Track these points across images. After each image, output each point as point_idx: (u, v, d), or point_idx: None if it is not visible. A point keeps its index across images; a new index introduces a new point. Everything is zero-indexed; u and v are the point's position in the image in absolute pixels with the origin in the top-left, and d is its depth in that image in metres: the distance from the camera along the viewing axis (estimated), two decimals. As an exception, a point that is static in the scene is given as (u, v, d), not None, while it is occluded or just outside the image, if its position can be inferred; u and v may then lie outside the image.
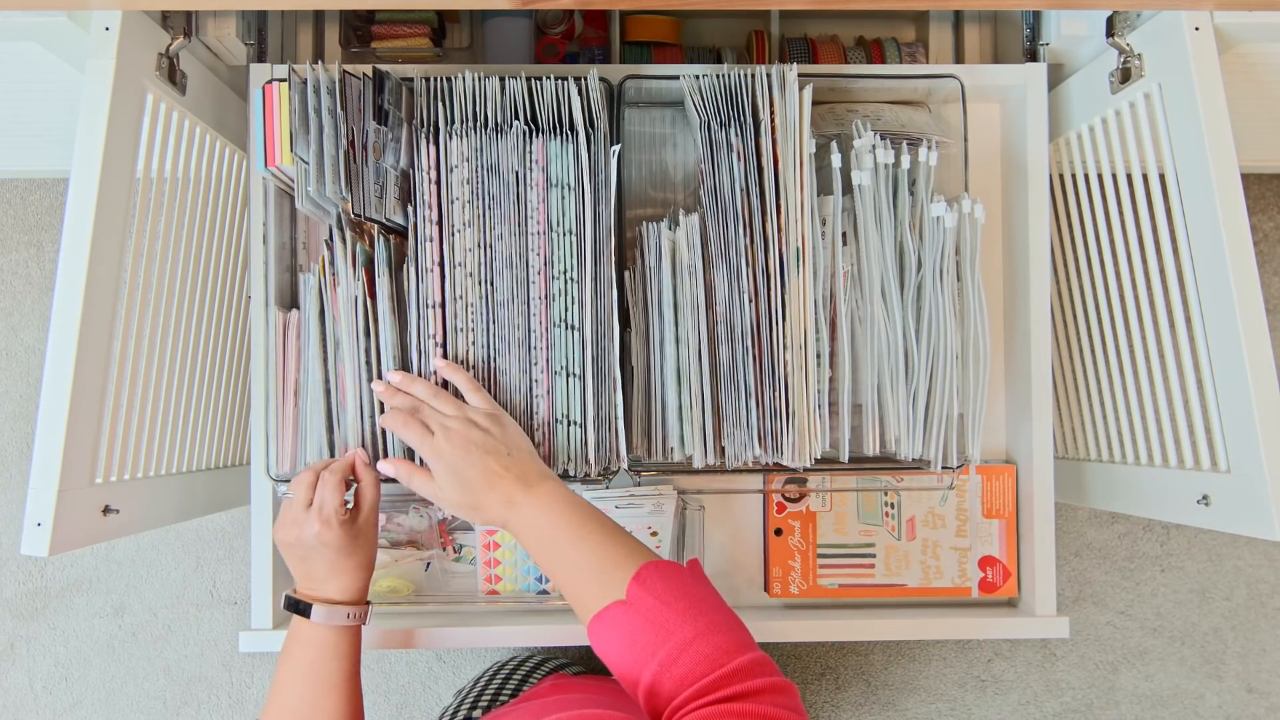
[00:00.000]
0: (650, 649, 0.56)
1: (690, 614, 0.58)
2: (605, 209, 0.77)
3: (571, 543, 0.64)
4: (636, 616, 0.58)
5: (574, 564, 0.63)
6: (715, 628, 0.57)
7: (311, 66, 0.74)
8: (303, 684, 0.69)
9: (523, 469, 0.68)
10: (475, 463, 0.67)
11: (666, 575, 0.61)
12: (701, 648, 0.55)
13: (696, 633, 0.56)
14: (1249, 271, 0.70)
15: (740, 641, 0.57)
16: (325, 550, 0.69)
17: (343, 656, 0.70)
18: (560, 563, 0.64)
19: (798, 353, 0.76)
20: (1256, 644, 1.30)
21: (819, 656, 1.29)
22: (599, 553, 0.63)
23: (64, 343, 0.68)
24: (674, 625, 0.57)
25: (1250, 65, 0.82)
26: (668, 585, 0.60)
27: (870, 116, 0.85)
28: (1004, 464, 0.91)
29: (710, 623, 0.57)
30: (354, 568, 0.71)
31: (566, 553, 0.64)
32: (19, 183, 1.29)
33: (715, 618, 0.58)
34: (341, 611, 0.70)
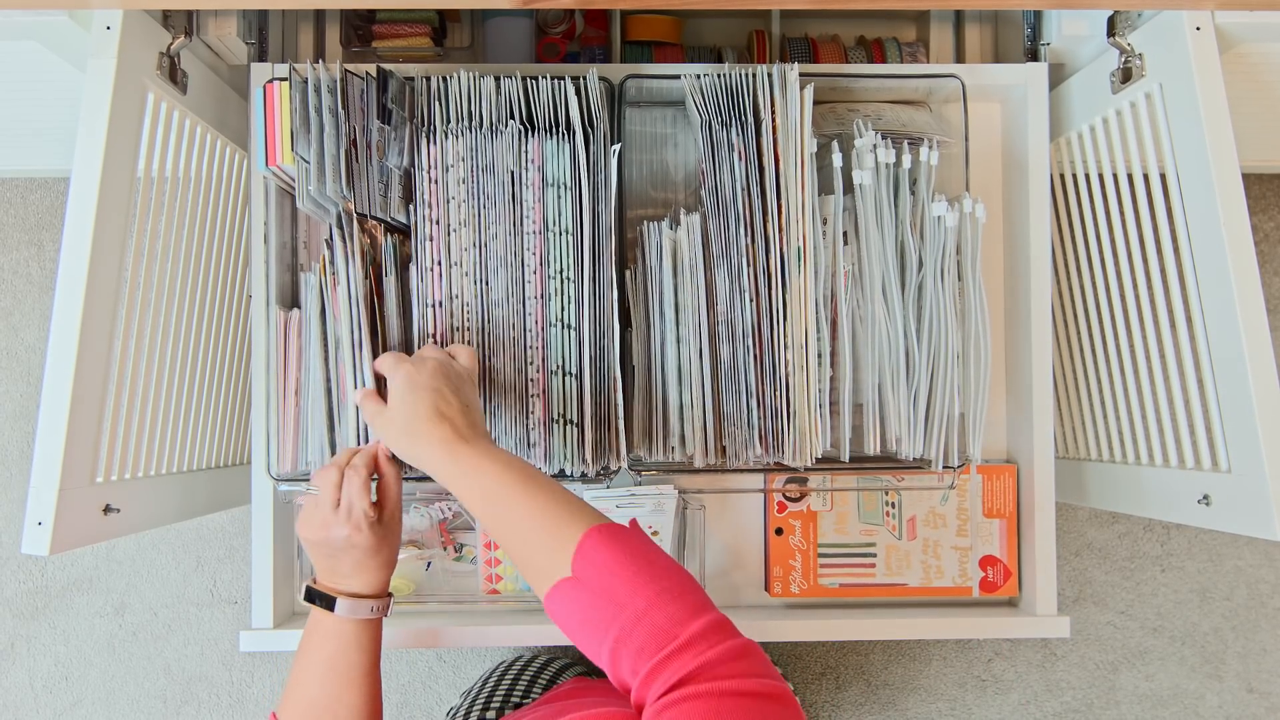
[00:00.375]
0: (604, 626, 0.54)
1: (638, 581, 0.55)
2: (605, 208, 0.77)
3: (511, 503, 0.61)
4: (585, 593, 0.55)
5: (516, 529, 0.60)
6: (666, 594, 0.54)
7: (312, 66, 0.74)
8: (323, 677, 0.68)
9: (471, 423, 0.66)
10: (430, 393, 0.65)
11: (610, 541, 0.57)
12: (655, 618, 0.52)
13: (647, 603, 0.53)
14: (1250, 271, 0.70)
15: (692, 605, 0.54)
16: (354, 551, 0.68)
17: (364, 649, 0.69)
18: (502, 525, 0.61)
19: (799, 352, 0.76)
20: (1257, 644, 1.30)
21: (819, 656, 1.29)
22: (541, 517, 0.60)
23: (65, 342, 0.68)
24: (624, 597, 0.54)
25: (1251, 65, 0.82)
26: (612, 553, 0.56)
27: (871, 116, 0.85)
28: (1005, 463, 0.91)
29: (660, 589, 0.54)
30: (380, 565, 0.70)
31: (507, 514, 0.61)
32: (19, 182, 1.29)
33: (665, 583, 0.55)
34: (366, 605, 0.69)
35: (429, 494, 0.88)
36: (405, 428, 0.65)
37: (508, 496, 0.61)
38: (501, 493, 0.61)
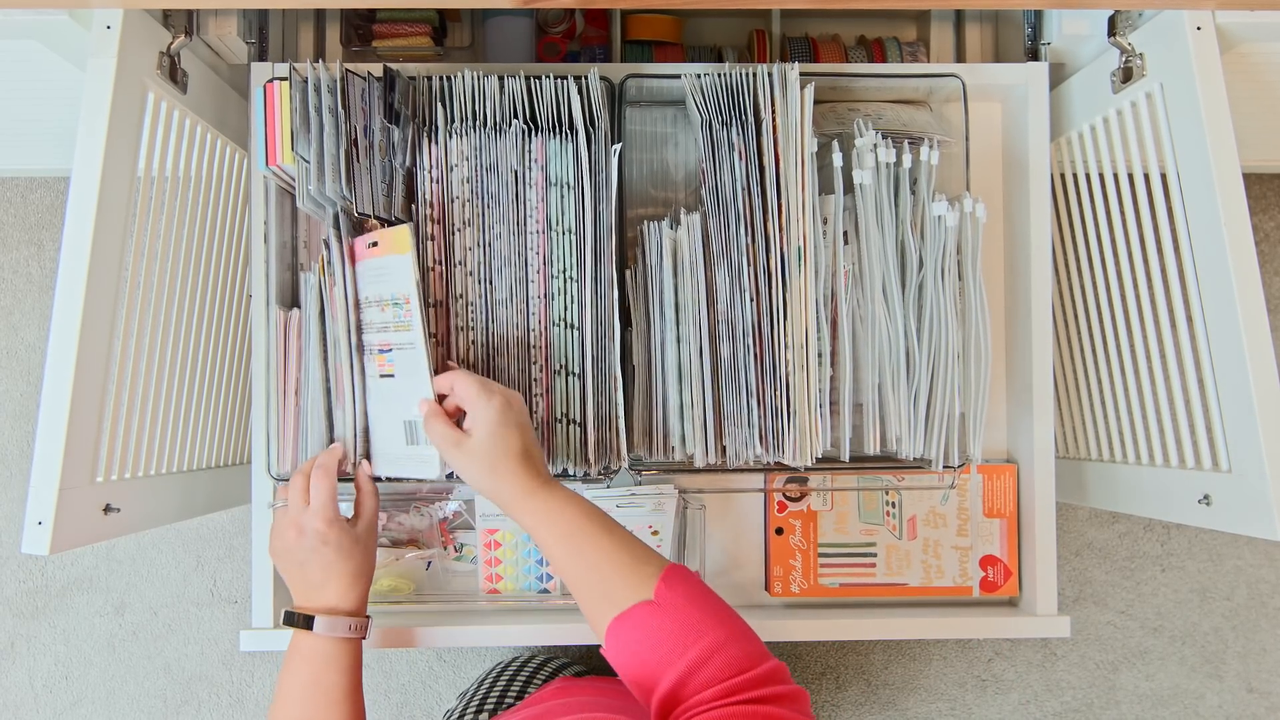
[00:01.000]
0: (679, 650, 0.56)
1: (717, 618, 0.58)
2: (606, 208, 0.77)
3: (591, 540, 0.63)
4: (666, 618, 0.58)
5: (593, 562, 0.62)
6: (741, 634, 0.58)
7: (312, 65, 0.74)
8: (303, 700, 0.68)
9: (543, 466, 0.68)
10: (520, 432, 0.66)
11: (690, 579, 0.61)
12: (732, 651, 0.56)
13: (727, 636, 0.57)
14: (1250, 271, 0.70)
15: (762, 649, 0.58)
16: (324, 550, 0.69)
17: (344, 670, 0.69)
18: (578, 560, 0.63)
19: (799, 352, 0.76)
20: (1257, 644, 1.30)
21: (819, 656, 1.29)
22: (620, 553, 0.62)
23: (65, 341, 0.68)
24: (705, 628, 0.57)
25: (1252, 65, 0.82)
26: (692, 589, 0.60)
27: (871, 115, 0.85)
28: (1005, 463, 0.91)
29: (736, 629, 0.58)
30: (351, 573, 0.70)
31: (585, 550, 0.63)
32: (20, 181, 1.29)
33: (738, 624, 0.59)
34: (343, 622, 0.69)
35: (429, 494, 0.88)
36: (490, 464, 0.66)
37: (588, 536, 0.63)
38: (581, 534, 0.64)
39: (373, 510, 0.73)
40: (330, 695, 0.68)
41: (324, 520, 0.69)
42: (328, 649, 0.69)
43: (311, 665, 0.69)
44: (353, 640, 0.70)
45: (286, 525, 0.70)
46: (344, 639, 0.69)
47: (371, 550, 0.73)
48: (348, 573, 0.70)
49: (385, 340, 0.74)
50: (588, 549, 0.63)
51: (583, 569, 0.63)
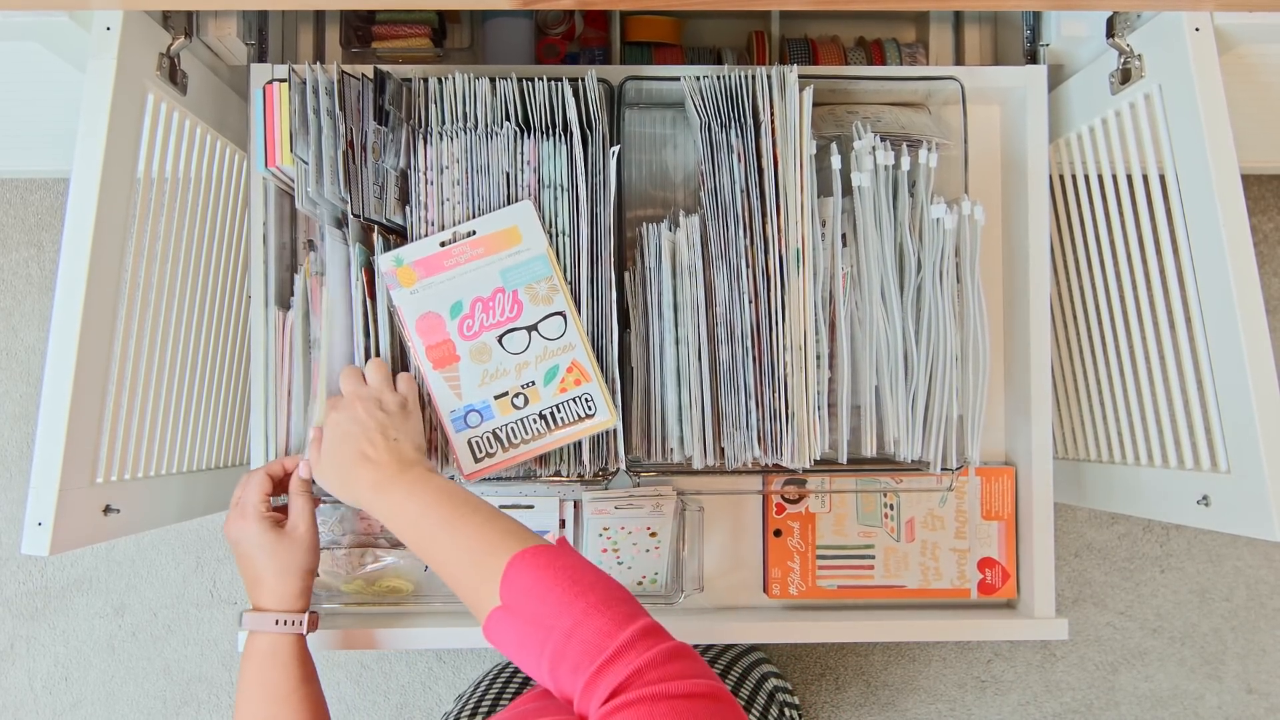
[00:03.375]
0: (537, 649, 0.54)
1: (564, 600, 0.55)
2: (603, 210, 0.77)
3: (439, 539, 0.62)
4: (516, 620, 0.56)
5: (446, 563, 0.62)
6: (591, 609, 0.54)
7: (311, 67, 0.74)
8: (255, 697, 0.69)
9: (399, 453, 0.67)
10: (353, 440, 0.67)
11: (534, 565, 0.58)
12: (583, 634, 0.53)
13: (574, 621, 0.54)
14: (1249, 272, 0.70)
15: (619, 615, 0.54)
16: (247, 547, 0.71)
17: (284, 665, 0.69)
18: (434, 560, 0.63)
19: (797, 354, 0.76)
20: (1256, 645, 1.30)
21: (818, 657, 1.29)
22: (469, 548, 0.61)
23: (65, 343, 0.68)
24: (551, 619, 0.54)
25: (1250, 66, 0.82)
26: (537, 577, 0.57)
27: (870, 118, 0.85)
28: (1003, 465, 0.91)
29: (586, 605, 0.54)
30: (277, 570, 0.71)
31: (437, 550, 0.62)
32: (19, 182, 1.29)
33: (590, 598, 0.55)
34: (269, 617, 0.70)
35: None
36: (336, 475, 0.69)
37: (432, 533, 0.63)
38: (426, 529, 0.63)
39: (299, 507, 0.73)
40: (277, 690, 0.69)
41: (241, 516, 0.71)
42: (265, 645, 0.70)
43: (254, 662, 0.70)
44: (290, 635, 0.70)
45: (228, 523, 0.73)
46: (279, 634, 0.70)
47: (303, 546, 0.72)
48: (274, 569, 0.71)
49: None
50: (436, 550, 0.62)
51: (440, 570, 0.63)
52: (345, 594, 0.87)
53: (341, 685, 1.27)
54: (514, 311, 0.74)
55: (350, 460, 0.67)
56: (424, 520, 0.63)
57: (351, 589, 0.87)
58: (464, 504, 0.64)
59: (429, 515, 0.63)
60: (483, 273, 0.75)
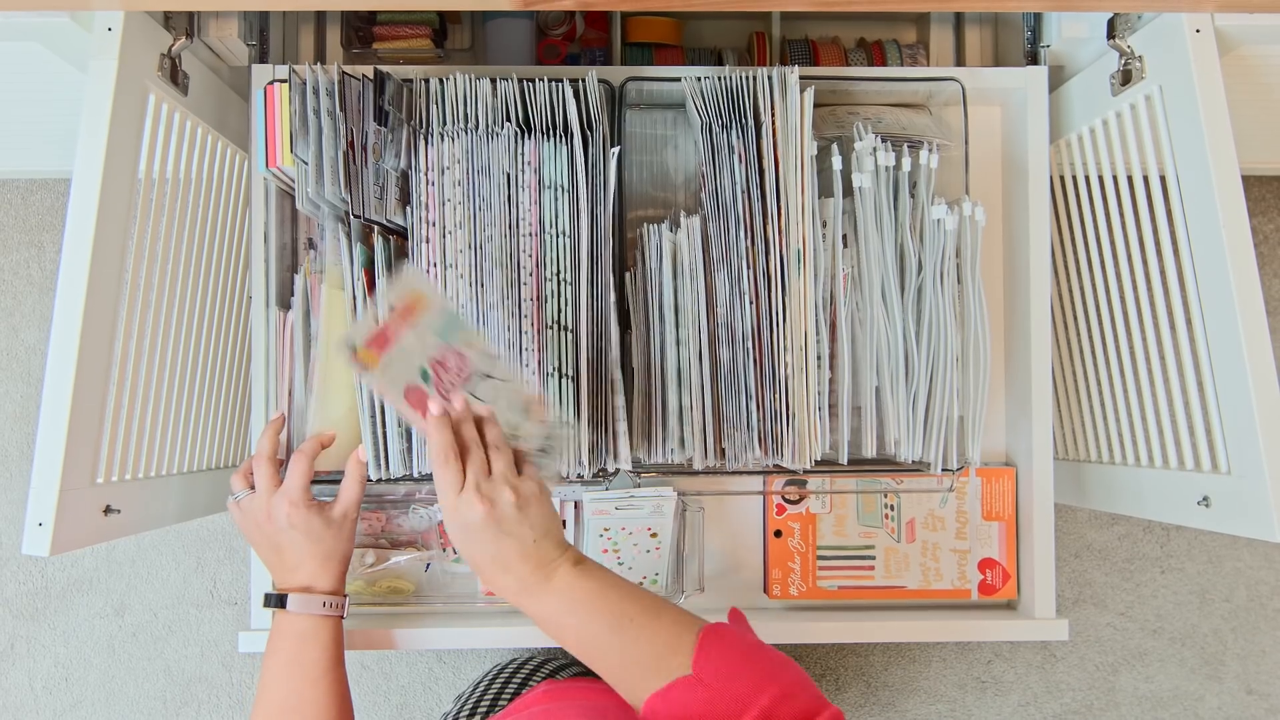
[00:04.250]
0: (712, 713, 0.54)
1: (760, 680, 0.56)
2: (603, 211, 0.77)
3: (609, 633, 0.60)
4: (707, 692, 0.56)
5: (617, 656, 0.60)
6: (788, 692, 0.55)
7: (311, 67, 0.74)
8: (287, 677, 0.69)
9: (540, 554, 0.62)
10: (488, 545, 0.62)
11: (727, 641, 0.59)
12: (781, 715, 0.53)
13: (773, 701, 0.54)
14: (1249, 273, 0.70)
15: (813, 700, 0.55)
16: (292, 534, 0.70)
17: (324, 646, 0.70)
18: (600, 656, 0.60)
19: (798, 355, 0.76)
20: (1256, 646, 1.30)
21: (819, 658, 1.29)
22: (643, 639, 0.59)
23: (65, 343, 0.68)
24: (748, 697, 0.54)
25: (1251, 67, 0.82)
26: (731, 653, 0.58)
27: (871, 119, 0.85)
28: (1004, 466, 0.91)
29: (782, 688, 0.55)
30: (322, 555, 0.71)
31: (605, 645, 0.60)
32: (20, 183, 1.29)
33: (784, 678, 0.56)
34: (316, 600, 0.70)
35: (427, 496, 0.88)
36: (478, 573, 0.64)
37: (598, 640, 0.61)
38: (591, 638, 0.61)
39: (350, 496, 0.73)
40: (310, 672, 0.69)
41: (290, 503, 0.70)
42: (305, 626, 0.70)
43: (290, 643, 0.70)
44: (330, 618, 0.71)
45: (257, 509, 0.72)
46: (321, 616, 0.70)
47: (346, 534, 0.73)
48: (318, 554, 0.71)
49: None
50: (605, 652, 0.60)
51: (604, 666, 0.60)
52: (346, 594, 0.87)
53: (342, 686, 1.27)
54: (464, 364, 0.69)
55: (487, 564, 0.62)
56: (585, 632, 0.61)
57: (352, 589, 0.87)
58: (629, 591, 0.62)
59: (590, 627, 0.61)
60: (422, 337, 0.68)
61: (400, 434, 0.77)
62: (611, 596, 0.61)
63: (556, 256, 0.77)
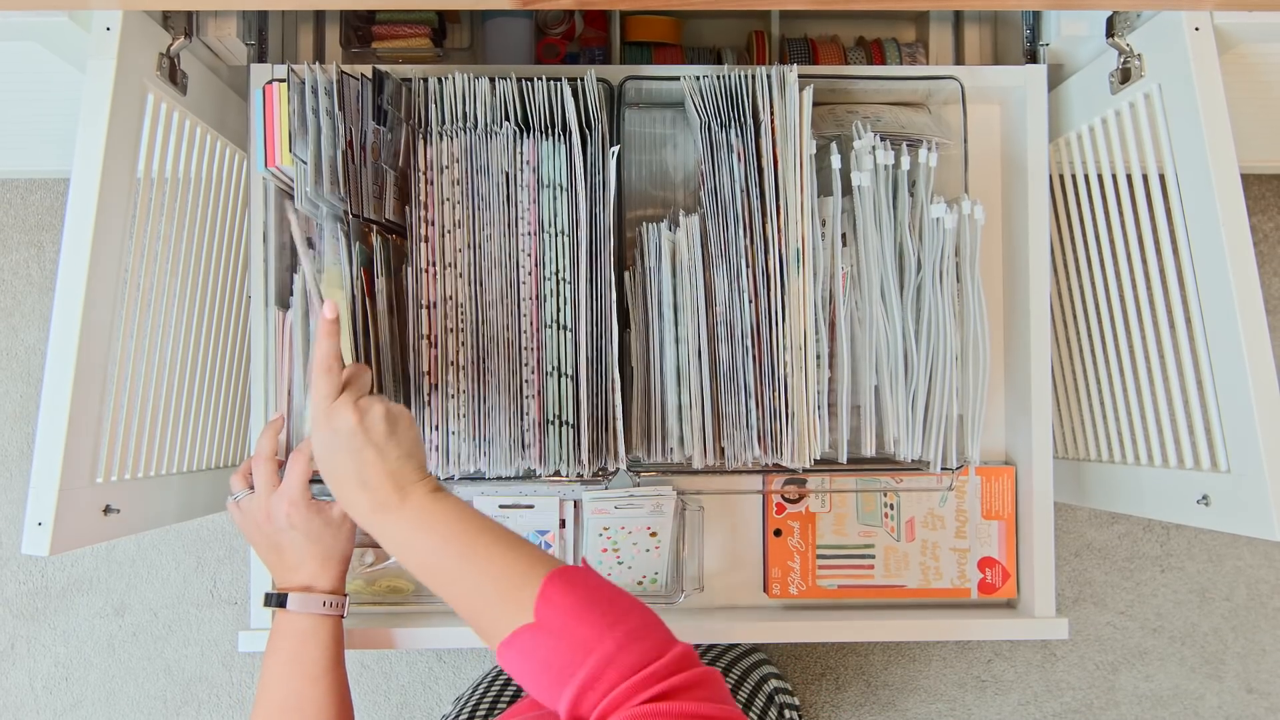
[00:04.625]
0: (569, 669, 0.54)
1: (605, 624, 0.55)
2: (603, 210, 0.77)
3: (458, 561, 0.60)
4: (550, 638, 0.56)
5: (464, 586, 0.60)
6: (634, 635, 0.55)
7: (310, 67, 0.74)
8: (287, 676, 0.69)
9: (399, 485, 0.63)
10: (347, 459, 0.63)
11: (572, 585, 0.58)
12: (626, 659, 0.53)
13: (617, 645, 0.54)
14: (1249, 272, 0.70)
15: (660, 640, 0.55)
16: (292, 534, 0.70)
17: (324, 645, 0.70)
18: (446, 584, 0.61)
19: (797, 354, 0.76)
20: (1256, 644, 1.30)
21: (819, 657, 1.29)
22: (491, 571, 0.59)
23: (65, 343, 0.68)
24: (592, 640, 0.54)
25: (1250, 66, 0.82)
26: (576, 597, 0.57)
27: (870, 118, 0.85)
28: (1003, 465, 0.91)
29: (628, 630, 0.55)
30: (321, 555, 0.71)
31: (452, 573, 0.60)
32: (19, 183, 1.29)
33: (631, 623, 0.56)
34: (316, 599, 0.71)
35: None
36: (334, 489, 0.65)
37: (452, 557, 0.61)
38: (444, 554, 0.61)
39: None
40: (311, 670, 0.69)
41: (289, 503, 0.70)
42: (305, 625, 0.70)
43: (291, 642, 0.70)
44: (330, 617, 0.71)
45: (256, 509, 0.72)
46: (321, 615, 0.70)
47: (346, 534, 0.73)
48: (318, 554, 0.71)
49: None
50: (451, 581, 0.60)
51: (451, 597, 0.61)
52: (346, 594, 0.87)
53: (342, 685, 1.27)
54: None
55: (345, 481, 0.63)
56: (447, 547, 0.61)
57: (352, 589, 0.87)
58: (484, 527, 0.62)
59: (450, 542, 0.61)
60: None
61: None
62: (465, 525, 0.61)
63: (555, 256, 0.77)
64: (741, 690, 0.90)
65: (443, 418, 0.77)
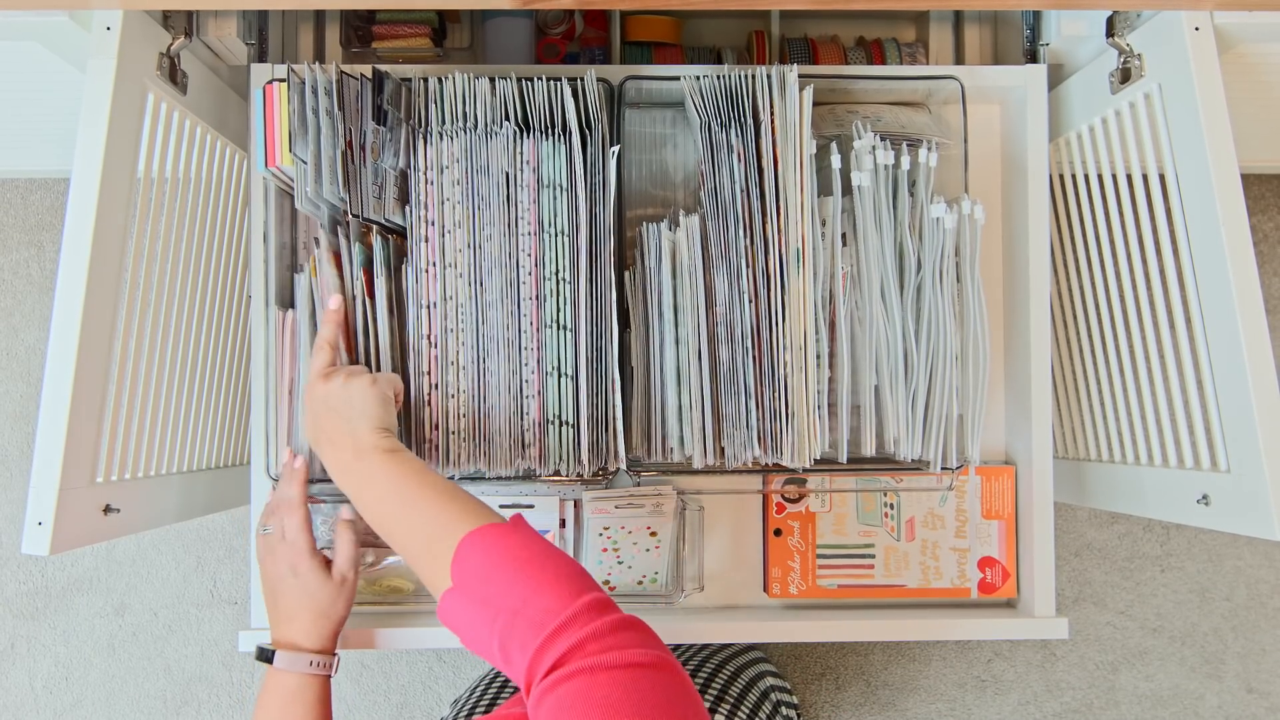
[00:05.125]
0: (487, 630, 0.54)
1: (511, 579, 0.55)
2: (602, 210, 0.77)
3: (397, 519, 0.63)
4: (466, 601, 0.56)
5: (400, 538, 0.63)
6: (539, 588, 0.53)
7: (310, 67, 0.74)
8: None
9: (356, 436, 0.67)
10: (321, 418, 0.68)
11: (484, 544, 0.58)
12: (530, 612, 0.52)
13: (522, 600, 0.53)
14: (1249, 272, 0.70)
15: (567, 591, 0.53)
16: (293, 582, 0.71)
17: (308, 705, 0.70)
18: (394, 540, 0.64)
19: (797, 354, 0.76)
20: (1256, 644, 1.30)
21: (819, 656, 1.29)
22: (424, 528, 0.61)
23: (65, 342, 0.68)
24: (499, 599, 0.54)
25: (1250, 65, 0.82)
26: (487, 557, 0.57)
27: (870, 117, 0.85)
28: (1003, 464, 0.91)
29: (534, 584, 0.54)
30: (316, 612, 0.72)
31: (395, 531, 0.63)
32: (20, 183, 1.29)
33: (540, 576, 0.54)
34: (304, 659, 0.70)
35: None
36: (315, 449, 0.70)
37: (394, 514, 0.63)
38: (388, 511, 0.64)
39: (346, 555, 0.74)
40: None
41: (294, 552, 0.71)
42: (292, 684, 0.70)
43: (277, 699, 0.70)
44: (317, 676, 0.71)
45: (268, 550, 0.73)
46: (308, 675, 0.70)
47: (344, 593, 0.73)
48: (312, 610, 0.72)
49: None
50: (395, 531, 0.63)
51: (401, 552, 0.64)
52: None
53: (341, 685, 1.27)
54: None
55: (315, 440, 0.69)
56: (384, 504, 0.64)
57: (352, 589, 0.87)
58: (420, 486, 0.63)
59: (384, 499, 0.64)
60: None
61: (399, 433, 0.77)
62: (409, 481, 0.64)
63: (555, 255, 0.77)
64: (732, 688, 0.90)
65: (443, 418, 0.77)
